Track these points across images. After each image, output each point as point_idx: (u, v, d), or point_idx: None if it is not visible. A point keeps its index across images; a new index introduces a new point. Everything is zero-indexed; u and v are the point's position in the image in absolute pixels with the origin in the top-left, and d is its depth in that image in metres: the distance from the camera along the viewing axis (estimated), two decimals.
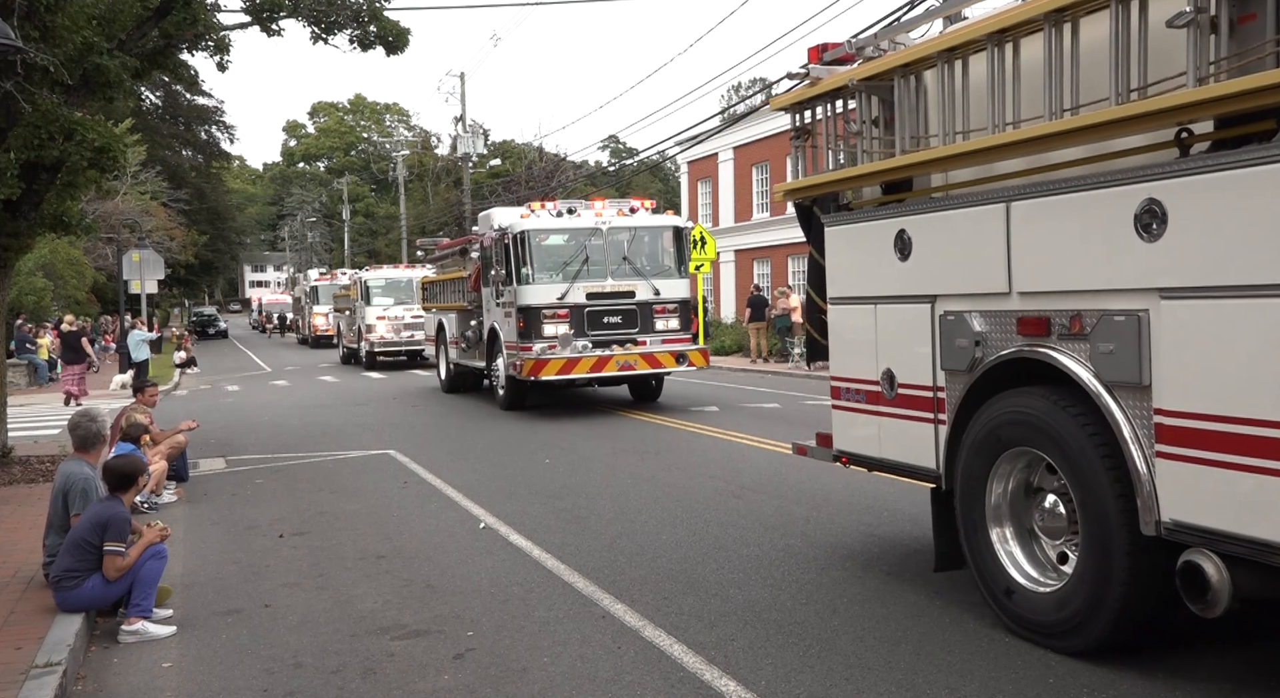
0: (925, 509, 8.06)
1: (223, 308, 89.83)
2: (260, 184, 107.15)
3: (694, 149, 33.46)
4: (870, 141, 6.03)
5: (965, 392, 5.27)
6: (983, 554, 5.30)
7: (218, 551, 7.75)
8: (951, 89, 5.31)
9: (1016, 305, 4.94)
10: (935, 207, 5.50)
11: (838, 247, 6.33)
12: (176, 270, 48.77)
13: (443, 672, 4.99)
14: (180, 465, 10.60)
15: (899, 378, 5.82)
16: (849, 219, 6.24)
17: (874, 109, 6.10)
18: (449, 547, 7.55)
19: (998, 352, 5.06)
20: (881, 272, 5.85)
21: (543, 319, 14.94)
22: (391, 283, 29.76)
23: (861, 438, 6.20)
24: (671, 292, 15.67)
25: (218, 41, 12.48)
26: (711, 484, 9.58)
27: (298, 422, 16.25)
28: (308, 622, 5.88)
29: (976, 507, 5.29)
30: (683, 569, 6.65)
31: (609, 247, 15.34)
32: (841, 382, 6.36)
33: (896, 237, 5.70)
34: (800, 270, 33.02)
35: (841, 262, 6.30)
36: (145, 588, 5.80)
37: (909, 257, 5.63)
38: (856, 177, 6.01)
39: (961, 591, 5.95)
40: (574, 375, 14.75)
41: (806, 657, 4.99)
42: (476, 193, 49.28)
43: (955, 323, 5.31)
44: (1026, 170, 5.02)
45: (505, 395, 16.19)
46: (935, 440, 5.58)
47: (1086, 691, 4.46)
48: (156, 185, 41.70)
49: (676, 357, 15.14)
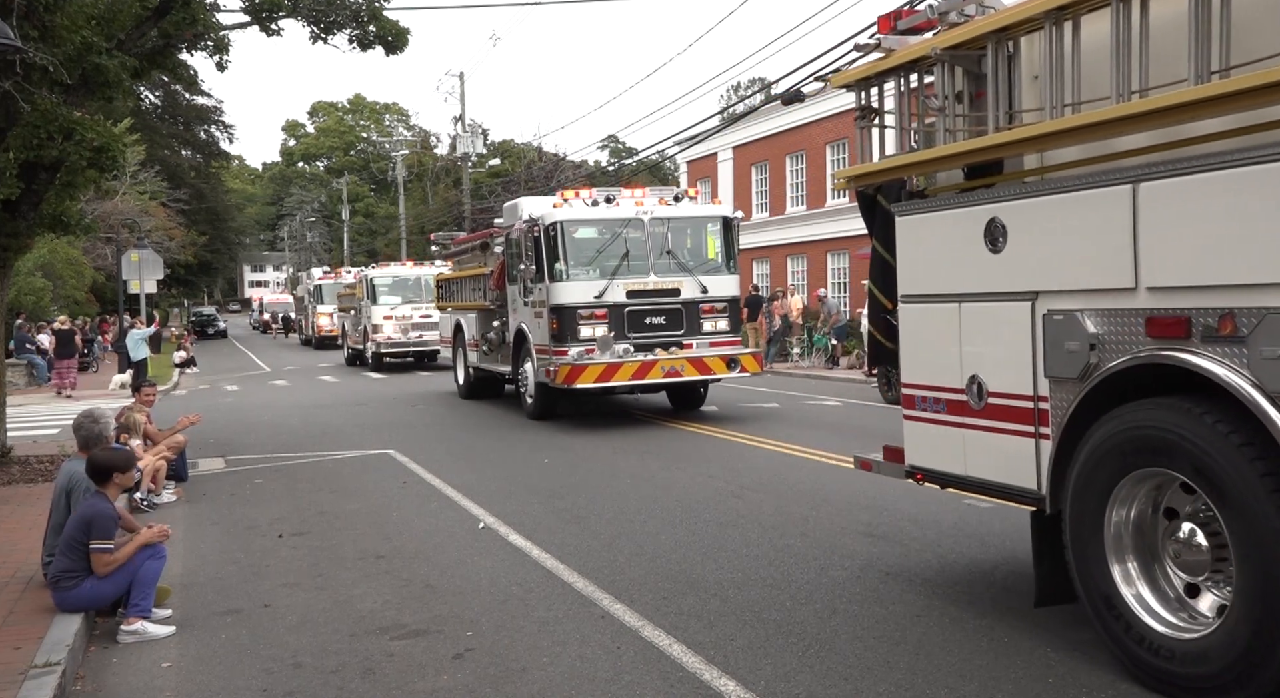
0: (926, 508, 8.12)
1: (222, 308, 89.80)
2: (259, 184, 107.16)
3: (693, 149, 33.43)
4: (953, 119, 5.38)
5: (1077, 402, 4.56)
6: (1101, 591, 4.59)
7: (217, 550, 7.75)
8: (1060, 54, 4.64)
9: (1145, 303, 4.25)
10: (1038, 190, 4.79)
11: (911, 238, 5.62)
12: (176, 270, 48.78)
13: (442, 672, 4.99)
14: (179, 465, 10.59)
15: (989, 386, 5.12)
16: (925, 208, 5.57)
17: (958, 82, 5.44)
18: (448, 547, 7.54)
19: (1119, 356, 4.36)
20: (967, 266, 5.18)
21: (579, 320, 13.53)
22: (399, 281, 28.69)
23: (941, 453, 5.51)
24: (720, 289, 14.24)
25: (217, 41, 12.48)
26: (711, 484, 9.58)
27: (297, 422, 16.24)
28: (307, 622, 5.88)
29: (1093, 536, 4.59)
30: (682, 569, 6.65)
31: (650, 239, 13.97)
32: (916, 389, 5.66)
33: (988, 226, 5.01)
34: (799, 270, 33.04)
35: (916, 255, 5.61)
36: (144, 588, 5.80)
37: (1003, 248, 4.94)
38: (939, 159, 5.38)
39: (961, 591, 5.96)
40: (614, 383, 13.40)
41: (805, 657, 4.99)
42: (476, 193, 49.29)
43: (1063, 323, 4.62)
44: (1154, 146, 4.35)
45: (534, 404, 14.77)
46: (1036, 458, 4.87)
47: (1086, 691, 4.46)
48: (155, 185, 41.70)
49: (728, 361, 13.80)
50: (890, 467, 6.05)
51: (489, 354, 17.28)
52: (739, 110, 41.96)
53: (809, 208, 32.31)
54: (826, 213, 31.13)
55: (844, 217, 30.25)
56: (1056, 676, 4.63)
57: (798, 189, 33.18)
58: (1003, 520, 7.61)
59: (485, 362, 17.56)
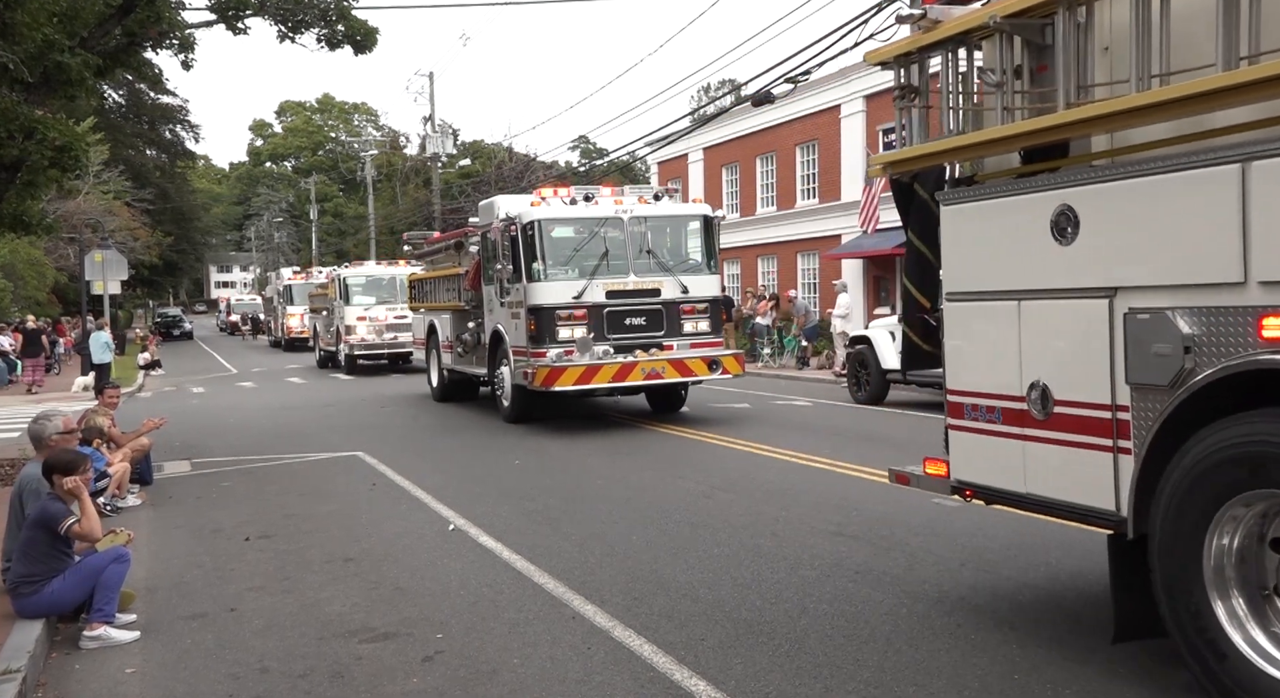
0: (895, 508, 8.18)
1: (188, 309, 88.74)
2: (226, 184, 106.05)
3: (664, 150, 33.44)
4: (1011, 97, 4.85)
5: (1168, 413, 4.03)
6: (1200, 631, 4.02)
7: (182, 554, 7.66)
8: (1147, 19, 4.14)
9: (1257, 299, 3.74)
10: (1118, 174, 4.26)
11: (960, 230, 5.11)
12: (140, 271, 48.13)
13: (412, 675, 4.97)
14: (144, 468, 10.46)
15: (1056, 393, 4.58)
16: (977, 195, 5.04)
17: (1017, 55, 4.90)
18: (418, 549, 7.51)
19: (1222, 360, 3.85)
20: (1029, 259, 4.66)
21: (557, 321, 13.25)
22: (373, 281, 28.06)
23: (996, 468, 4.97)
24: (701, 289, 14.00)
25: (182, 40, 12.36)
26: (682, 484, 9.60)
27: (265, 423, 16.09)
28: (274, 626, 5.82)
29: (1188, 566, 4.04)
30: (653, 570, 6.66)
31: (630, 239, 13.70)
32: (964, 397, 5.14)
33: (1056, 215, 4.48)
34: (769, 271, 33.16)
35: (965, 249, 5.09)
36: (108, 593, 5.72)
37: (1074, 239, 4.41)
38: (994, 142, 4.86)
39: (929, 589, 6.01)
40: (594, 385, 13.10)
41: (776, 656, 5.01)
42: (446, 193, 49.08)
43: (1150, 323, 4.10)
44: (1263, 121, 3.85)
45: (511, 407, 14.50)
46: (1114, 475, 4.34)
47: (1050, 686, 4.51)
48: (120, 185, 41.15)
49: (709, 363, 13.53)
50: (932, 481, 5.48)
51: (464, 356, 17.02)
52: (709, 111, 42.07)
53: (779, 209, 32.44)
54: (796, 214, 31.29)
55: (814, 218, 30.43)
56: (1022, 671, 4.69)
57: (768, 190, 33.31)
58: (969, 520, 7.69)
59: (460, 364, 17.31)
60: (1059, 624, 5.31)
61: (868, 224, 23.16)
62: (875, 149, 26.19)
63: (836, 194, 29.31)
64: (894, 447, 11.41)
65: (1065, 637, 5.12)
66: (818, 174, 30.67)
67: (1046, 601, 5.73)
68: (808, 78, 19.92)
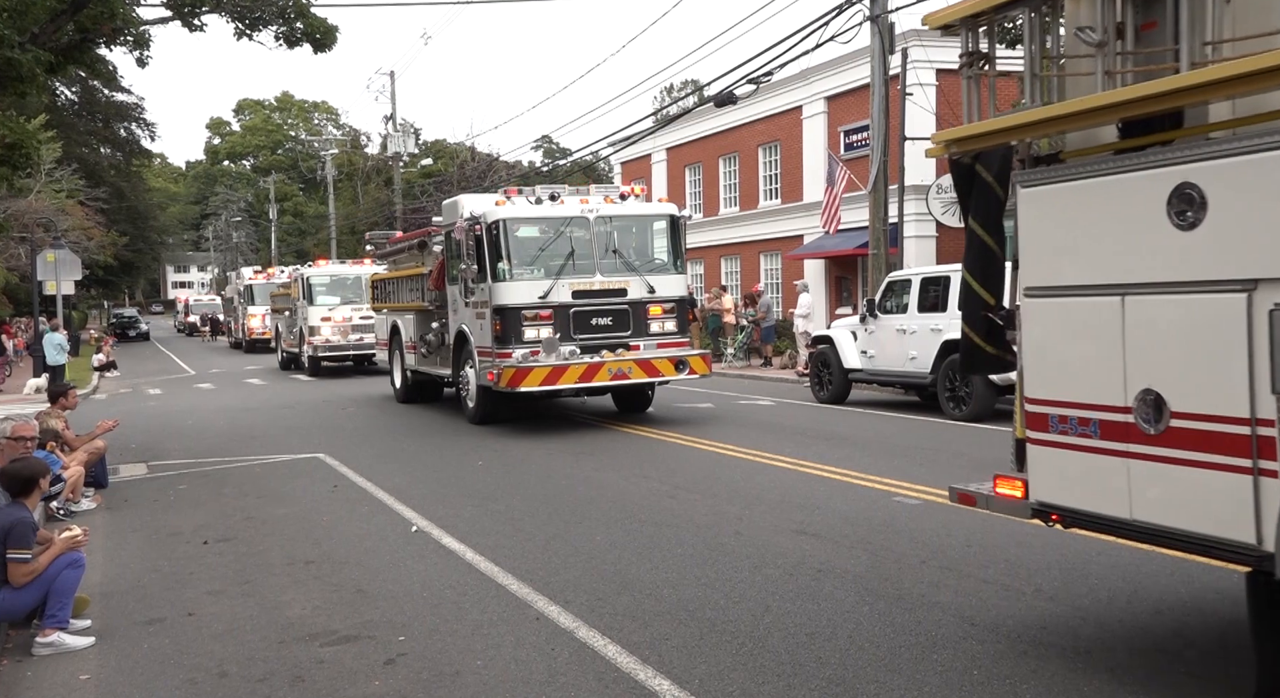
0: (857, 506, 8.26)
1: (144, 309, 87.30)
2: (183, 183, 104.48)
3: (627, 150, 33.51)
4: (1114, 59, 4.31)
5: None
6: None
7: (139, 558, 7.54)
8: None
9: None
10: (1260, 145, 3.63)
11: (1043, 215, 4.49)
12: (94, 271, 47.28)
13: (373, 678, 4.93)
14: (99, 472, 10.27)
15: (1173, 404, 3.96)
16: (1067, 175, 4.40)
17: (1118, 11, 4.37)
18: (380, 551, 7.45)
19: None
20: (1139, 247, 4.06)
21: (523, 321, 13.13)
22: (337, 280, 27.46)
23: (1092, 490, 4.35)
24: (667, 289, 13.93)
25: (137, 36, 12.17)
26: (646, 484, 9.61)
27: (224, 425, 15.88)
28: (233, 630, 5.75)
29: None
30: (617, 570, 6.66)
31: (596, 238, 13.60)
32: (1049, 406, 4.50)
33: (1175, 194, 3.88)
34: (733, 271, 33.31)
35: (1051, 237, 4.47)
36: (61, 598, 5.62)
37: (1199, 223, 3.81)
38: (1088, 112, 4.23)
39: (890, 587, 6.06)
40: (560, 386, 13.00)
41: (739, 655, 5.04)
42: (408, 193, 48.78)
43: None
44: None
45: (476, 408, 14.34)
46: (1255, 501, 3.70)
47: (1009, 682, 4.57)
48: (73, 183, 40.36)
49: (676, 363, 13.49)
50: (1005, 503, 4.81)
51: (428, 357, 16.82)
52: (672, 112, 42.16)
53: (742, 209, 32.60)
54: (759, 214, 31.45)
55: (776, 218, 30.61)
56: (981, 668, 4.74)
57: (730, 191, 33.46)
58: (932, 518, 7.78)
59: (424, 364, 17.13)
60: (1019, 621, 5.39)
61: (829, 225, 23.32)
62: (837, 150, 26.38)
63: (799, 195, 29.50)
64: (856, 446, 11.52)
65: (1025, 633, 5.19)
66: (780, 175, 30.86)
67: (1006, 597, 5.80)
68: (770, 79, 20.12)
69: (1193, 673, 4.61)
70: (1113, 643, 5.02)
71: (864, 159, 22.29)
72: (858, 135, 26.19)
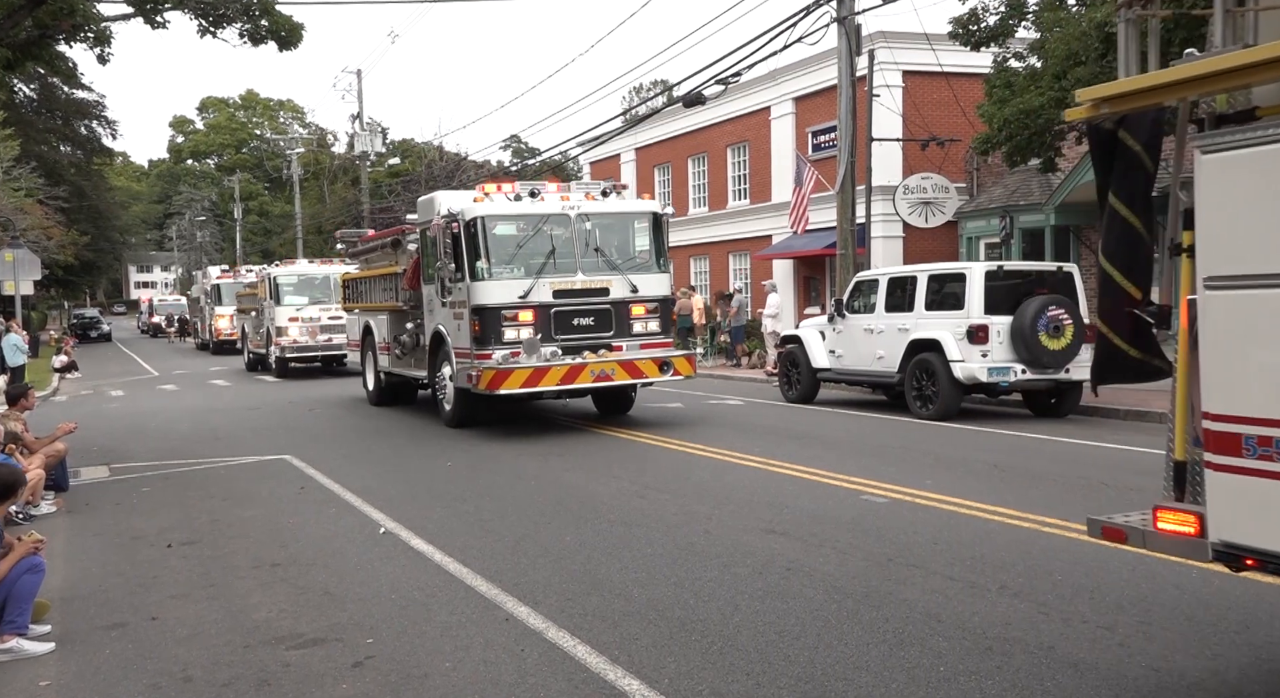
0: (825, 505, 8.31)
1: (106, 310, 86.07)
2: (146, 182, 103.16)
3: (596, 150, 33.48)
4: None
5: None
6: None
7: (100, 562, 7.43)
8: None
9: None
10: None
11: (1235, 187, 3.69)
12: (54, 271, 46.42)
13: (341, 681, 4.89)
14: (60, 474, 10.11)
15: None
16: (1273, 134, 3.57)
17: None
18: (348, 553, 7.39)
19: None
20: None
21: (503, 322, 12.74)
22: (305, 280, 27.00)
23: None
24: (650, 288, 13.63)
25: (98, 33, 12.01)
26: (615, 484, 9.61)
27: (188, 427, 15.68)
28: (198, 634, 5.68)
29: None
30: (586, 570, 6.66)
31: (577, 236, 13.23)
32: (1239, 424, 3.69)
33: None
34: (701, 271, 33.38)
35: (1245, 214, 3.65)
36: (20, 603, 5.52)
37: None
38: None
39: (858, 585, 6.10)
40: (541, 388, 12.61)
41: (709, 654, 5.05)
42: (375, 192, 48.43)
43: None
44: None
45: (453, 411, 13.97)
46: None
47: (975, 678, 4.62)
48: (31, 182, 39.70)
49: (660, 364, 13.15)
50: (1170, 541, 4.01)
51: (402, 358, 16.40)
52: (641, 112, 42.18)
53: (710, 209, 32.69)
54: (728, 214, 31.57)
55: (745, 218, 30.73)
56: (947, 664, 4.79)
57: (699, 191, 33.55)
58: (899, 517, 7.84)
59: (398, 366, 16.71)
60: (984, 617, 5.44)
61: (798, 224, 23.46)
62: (805, 150, 26.52)
63: (767, 195, 29.64)
64: (824, 445, 11.59)
65: (990, 629, 5.25)
66: (749, 175, 30.99)
67: (972, 593, 5.86)
68: (738, 80, 20.20)
69: (1155, 668, 4.69)
70: (1076, 639, 5.09)
71: (832, 159, 22.44)
72: (825, 136, 26.38)
